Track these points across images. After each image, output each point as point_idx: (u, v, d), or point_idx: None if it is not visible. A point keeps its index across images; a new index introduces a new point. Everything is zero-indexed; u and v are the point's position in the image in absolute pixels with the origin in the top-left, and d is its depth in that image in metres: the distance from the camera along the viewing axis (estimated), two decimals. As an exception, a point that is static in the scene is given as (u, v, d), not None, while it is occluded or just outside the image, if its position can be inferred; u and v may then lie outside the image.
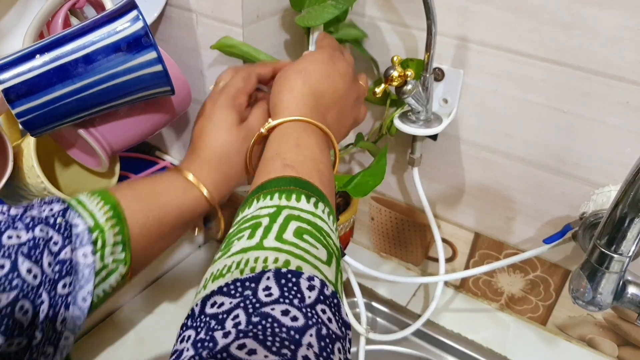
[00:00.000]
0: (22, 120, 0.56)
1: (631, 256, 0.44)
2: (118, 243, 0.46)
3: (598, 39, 0.55)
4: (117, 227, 0.46)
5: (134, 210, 0.48)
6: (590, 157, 0.61)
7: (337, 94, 0.55)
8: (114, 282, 0.47)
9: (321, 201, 0.43)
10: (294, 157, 0.46)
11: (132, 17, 0.54)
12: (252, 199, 0.43)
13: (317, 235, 0.39)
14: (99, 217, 0.46)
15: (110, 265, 0.46)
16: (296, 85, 0.53)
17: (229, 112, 0.55)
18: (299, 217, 0.40)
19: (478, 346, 0.73)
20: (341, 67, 0.56)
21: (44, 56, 0.54)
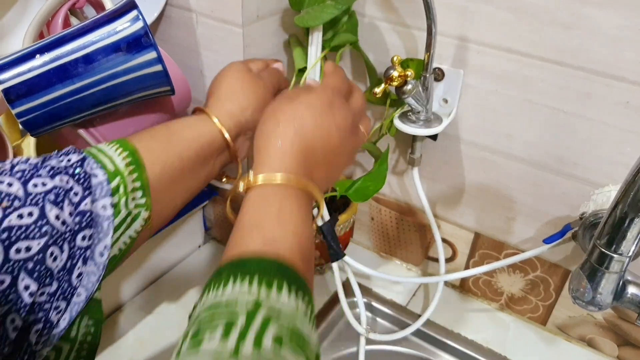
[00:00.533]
0: (22, 120, 0.56)
1: (631, 256, 0.44)
2: (137, 189, 0.48)
3: (598, 39, 0.55)
4: (135, 173, 0.48)
5: (152, 150, 0.50)
6: (590, 157, 0.61)
7: (329, 150, 0.50)
8: (138, 227, 0.48)
9: (301, 290, 0.40)
10: (276, 232, 0.43)
11: (132, 17, 0.55)
12: (228, 275, 0.39)
13: (297, 343, 0.36)
14: (118, 163, 0.47)
15: (133, 210, 0.47)
16: (286, 134, 0.48)
17: (240, 64, 0.62)
18: (278, 318, 0.36)
19: (478, 346, 0.73)
20: (340, 118, 0.51)
21: (44, 56, 0.54)
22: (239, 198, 0.49)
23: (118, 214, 0.46)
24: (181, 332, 0.66)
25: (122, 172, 0.47)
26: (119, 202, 0.46)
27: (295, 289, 0.39)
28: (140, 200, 0.48)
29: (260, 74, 0.62)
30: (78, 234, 0.42)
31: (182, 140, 0.53)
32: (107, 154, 0.48)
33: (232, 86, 0.59)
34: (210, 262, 0.84)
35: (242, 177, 0.48)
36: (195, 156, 0.54)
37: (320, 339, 0.75)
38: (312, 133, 0.48)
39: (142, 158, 0.49)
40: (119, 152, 0.48)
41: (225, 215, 0.79)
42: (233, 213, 0.49)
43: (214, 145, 0.56)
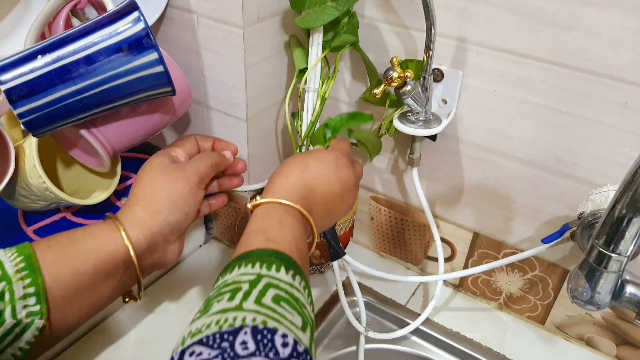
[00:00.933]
0: (24, 120, 0.56)
1: (629, 256, 0.44)
2: (31, 295, 0.44)
3: (597, 40, 0.55)
4: (28, 278, 0.44)
5: (48, 260, 0.46)
6: (589, 157, 0.61)
7: (329, 196, 0.55)
8: (30, 338, 0.44)
9: (298, 275, 0.44)
10: (277, 233, 0.47)
11: (134, 18, 0.55)
12: (233, 266, 0.43)
13: (294, 304, 0.40)
14: (8, 268, 0.44)
15: (25, 319, 0.43)
16: (292, 173, 0.54)
17: (160, 156, 0.57)
18: (277, 285, 0.41)
19: (477, 345, 0.73)
20: (343, 173, 0.56)
21: (46, 57, 0.55)
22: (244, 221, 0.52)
23: (2, 323, 0.42)
24: (182, 332, 0.67)
25: (10, 278, 0.43)
26: (2, 311, 0.42)
27: (293, 273, 0.43)
28: (33, 307, 0.44)
29: (187, 163, 0.58)
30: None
31: (80, 252, 0.48)
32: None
33: (145, 188, 0.54)
34: (211, 262, 0.84)
35: (250, 199, 0.53)
36: (93, 271, 0.48)
37: (320, 338, 0.75)
38: (315, 178, 0.54)
39: (37, 262, 0.45)
40: (13, 257, 0.45)
41: (232, 224, 0.80)
42: (238, 234, 0.52)
43: (117, 259, 0.50)
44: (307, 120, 0.70)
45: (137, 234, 0.51)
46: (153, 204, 0.53)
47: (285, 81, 0.76)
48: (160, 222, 0.53)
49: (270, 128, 0.77)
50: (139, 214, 0.52)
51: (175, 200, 0.54)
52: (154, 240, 0.53)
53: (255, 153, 0.76)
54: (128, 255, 0.50)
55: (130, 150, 0.70)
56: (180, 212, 0.54)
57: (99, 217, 0.77)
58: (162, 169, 0.55)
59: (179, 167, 0.56)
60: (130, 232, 0.51)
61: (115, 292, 0.53)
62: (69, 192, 0.69)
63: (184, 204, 0.54)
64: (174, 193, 0.54)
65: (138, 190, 0.54)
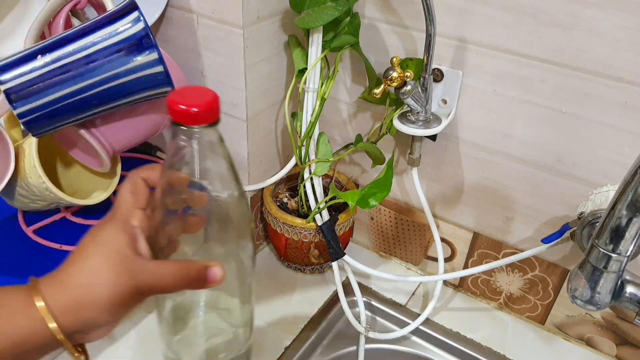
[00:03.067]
0: (23, 120, 0.56)
1: (629, 255, 0.44)
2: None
3: (597, 40, 0.55)
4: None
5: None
6: (589, 157, 0.61)
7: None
8: None
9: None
10: None
11: (133, 18, 0.55)
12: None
13: None
14: None
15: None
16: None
17: (120, 237, 0.43)
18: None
19: (477, 345, 0.73)
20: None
21: (46, 57, 0.55)
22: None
23: None
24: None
25: None
26: None
27: None
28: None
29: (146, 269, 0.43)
30: None
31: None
32: None
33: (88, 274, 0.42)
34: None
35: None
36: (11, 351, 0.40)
37: (320, 338, 0.75)
38: None
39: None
40: None
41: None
42: None
43: (36, 342, 0.40)
44: (307, 121, 0.70)
45: (62, 319, 0.41)
46: (87, 295, 0.41)
47: (285, 81, 0.76)
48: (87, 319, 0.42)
49: (270, 128, 0.77)
50: (64, 299, 0.41)
51: (113, 307, 0.42)
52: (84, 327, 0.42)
53: (255, 153, 0.76)
54: (47, 338, 0.41)
55: (130, 150, 0.70)
56: (112, 317, 0.43)
57: (99, 217, 0.76)
58: (115, 261, 0.42)
59: (132, 270, 0.42)
60: (57, 315, 0.41)
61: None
62: (69, 192, 0.69)
63: (121, 312, 0.43)
64: (114, 299, 0.42)
65: (77, 272, 0.42)
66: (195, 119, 0.39)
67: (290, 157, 0.75)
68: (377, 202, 0.65)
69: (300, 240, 0.76)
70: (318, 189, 0.73)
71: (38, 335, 0.40)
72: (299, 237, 0.75)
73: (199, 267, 0.44)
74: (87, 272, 0.41)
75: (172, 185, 0.44)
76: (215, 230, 0.47)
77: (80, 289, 0.41)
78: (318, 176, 0.72)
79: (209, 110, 0.40)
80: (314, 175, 0.72)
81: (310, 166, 0.72)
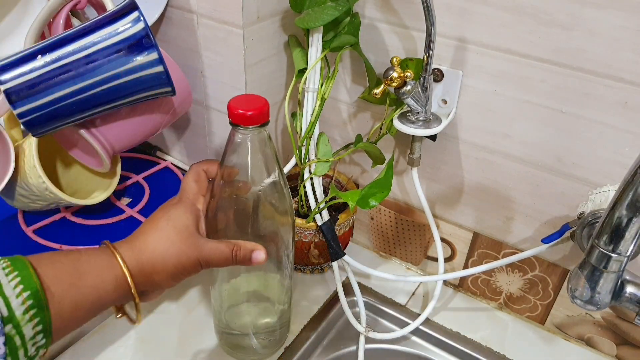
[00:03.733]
0: (23, 120, 0.56)
1: (629, 256, 0.44)
2: (39, 332, 0.42)
3: (597, 40, 0.55)
4: (37, 317, 0.42)
5: (55, 292, 0.44)
6: (589, 157, 0.61)
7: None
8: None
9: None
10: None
11: (133, 18, 0.55)
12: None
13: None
14: (15, 307, 0.41)
15: (32, 352, 0.43)
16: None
17: (189, 216, 0.52)
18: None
19: (477, 345, 0.73)
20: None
21: (46, 57, 0.55)
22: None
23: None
24: (182, 331, 0.67)
25: (18, 321, 0.41)
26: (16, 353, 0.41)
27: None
28: (41, 342, 0.43)
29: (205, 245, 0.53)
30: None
31: (84, 287, 0.46)
32: (4, 292, 0.41)
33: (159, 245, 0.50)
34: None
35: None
36: (91, 306, 0.47)
37: (320, 338, 0.75)
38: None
39: (45, 300, 0.43)
40: (19, 292, 0.41)
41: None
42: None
43: (114, 296, 0.48)
44: (307, 121, 0.70)
45: (138, 278, 0.49)
46: (158, 267, 0.50)
47: (285, 81, 0.76)
48: (155, 283, 0.51)
49: (270, 128, 0.77)
50: (143, 268, 0.50)
51: (177, 273, 0.51)
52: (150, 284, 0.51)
53: (255, 153, 0.76)
54: (125, 291, 0.49)
55: (130, 150, 0.70)
56: (173, 282, 0.52)
57: (99, 217, 0.77)
58: (184, 235, 0.51)
59: (197, 245, 0.51)
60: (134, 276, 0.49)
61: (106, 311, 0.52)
62: (68, 192, 0.69)
63: (180, 278, 0.52)
64: (179, 266, 0.51)
65: (153, 241, 0.50)
66: (250, 120, 0.50)
67: (290, 157, 0.75)
68: (377, 202, 0.65)
69: (300, 240, 0.76)
70: (318, 189, 0.73)
71: (119, 290, 0.48)
72: (299, 237, 0.75)
73: (246, 251, 0.52)
74: (161, 241, 0.50)
75: (227, 176, 0.54)
76: (262, 213, 0.57)
77: (154, 254, 0.49)
78: (318, 176, 0.72)
79: (261, 113, 0.51)
80: (314, 175, 0.72)
81: (310, 166, 0.72)
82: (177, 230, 0.51)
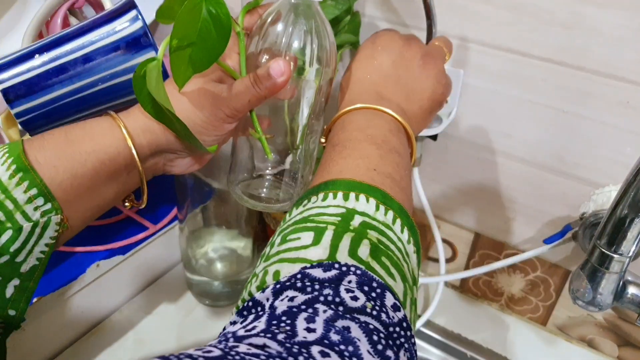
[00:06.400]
0: (21, 120, 0.56)
1: (631, 256, 0.44)
2: (36, 196, 0.42)
3: (598, 39, 0.55)
4: (25, 181, 0.42)
5: (41, 160, 0.43)
6: (591, 157, 0.61)
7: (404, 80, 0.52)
8: (52, 234, 0.44)
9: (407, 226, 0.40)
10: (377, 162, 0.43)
11: (131, 16, 0.55)
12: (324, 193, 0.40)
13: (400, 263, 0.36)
14: (1, 174, 0.42)
15: (41, 219, 0.43)
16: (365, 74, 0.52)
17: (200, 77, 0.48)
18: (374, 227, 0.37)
19: (478, 347, 0.73)
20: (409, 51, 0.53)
21: (43, 56, 0.54)
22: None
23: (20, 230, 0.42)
24: (181, 332, 0.66)
25: (5, 186, 0.42)
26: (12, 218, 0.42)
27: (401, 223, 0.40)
28: (45, 206, 0.43)
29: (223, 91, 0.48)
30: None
31: (79, 154, 0.44)
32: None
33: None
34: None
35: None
36: (92, 173, 0.45)
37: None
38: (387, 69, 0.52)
39: (28, 161, 0.42)
40: (4, 160, 0.42)
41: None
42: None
43: (118, 162, 0.46)
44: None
45: (140, 139, 0.47)
46: (155, 125, 0.47)
47: (285, 81, 0.75)
48: (169, 137, 0.47)
49: (270, 128, 0.77)
50: (146, 122, 0.47)
51: (192, 126, 0.46)
52: (160, 149, 0.48)
53: (254, 153, 0.75)
54: (130, 157, 0.46)
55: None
56: (183, 144, 0.48)
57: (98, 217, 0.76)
58: (197, 85, 0.47)
59: (212, 94, 0.47)
60: (135, 137, 0.46)
61: (119, 194, 0.49)
62: (67, 192, 0.69)
63: (201, 132, 0.48)
64: (194, 118, 0.47)
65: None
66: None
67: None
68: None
69: (300, 241, 0.76)
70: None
71: (122, 154, 0.46)
72: (299, 237, 0.75)
73: (263, 68, 0.47)
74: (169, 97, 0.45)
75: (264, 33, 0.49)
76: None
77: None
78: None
79: None
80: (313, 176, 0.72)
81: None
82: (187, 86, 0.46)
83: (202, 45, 0.43)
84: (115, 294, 0.74)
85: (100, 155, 0.45)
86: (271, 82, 0.46)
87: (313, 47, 0.49)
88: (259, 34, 0.49)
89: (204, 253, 0.75)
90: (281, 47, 0.49)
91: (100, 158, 0.45)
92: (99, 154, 0.45)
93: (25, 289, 0.45)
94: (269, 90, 0.47)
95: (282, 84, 0.46)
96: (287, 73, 0.46)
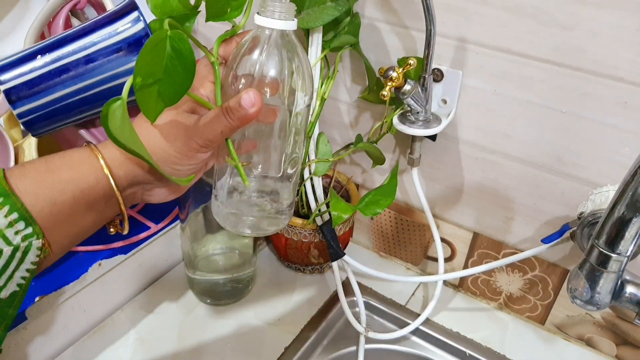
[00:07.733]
0: (23, 120, 0.56)
1: (629, 256, 0.44)
2: (17, 220, 0.42)
3: (596, 40, 0.55)
4: (6, 205, 0.42)
5: (22, 188, 0.43)
6: (589, 157, 0.61)
7: None
8: (34, 258, 0.44)
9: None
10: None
11: (133, 18, 0.55)
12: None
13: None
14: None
15: (22, 244, 0.42)
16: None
17: (182, 103, 0.48)
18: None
19: (477, 345, 0.73)
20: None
21: (45, 57, 0.55)
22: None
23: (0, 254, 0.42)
24: (182, 331, 0.66)
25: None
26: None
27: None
28: (25, 230, 0.42)
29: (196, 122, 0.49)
30: None
31: (57, 182, 0.45)
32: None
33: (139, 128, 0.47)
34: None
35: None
36: (72, 202, 0.45)
37: (320, 338, 0.75)
38: None
39: (8, 186, 0.42)
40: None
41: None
42: None
43: (96, 191, 0.46)
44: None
45: (117, 170, 0.47)
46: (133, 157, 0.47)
47: (285, 81, 0.76)
48: (145, 169, 0.48)
49: (270, 128, 0.77)
50: (123, 154, 0.47)
51: (166, 157, 0.47)
52: (137, 181, 0.48)
53: (255, 153, 0.76)
54: (109, 187, 0.47)
55: (129, 150, 0.70)
56: (169, 169, 0.48)
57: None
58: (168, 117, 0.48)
59: (184, 126, 0.47)
60: (112, 167, 0.47)
61: (98, 222, 0.49)
62: (68, 192, 0.69)
63: (176, 162, 0.48)
64: (167, 149, 0.47)
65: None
66: None
67: (290, 157, 0.75)
68: (381, 210, 0.66)
69: (300, 241, 0.76)
70: (318, 190, 0.73)
71: (100, 183, 0.46)
72: (299, 237, 0.75)
73: (235, 99, 0.46)
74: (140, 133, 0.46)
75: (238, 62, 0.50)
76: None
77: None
78: (318, 176, 0.72)
79: None
80: (313, 176, 0.72)
81: (310, 166, 0.72)
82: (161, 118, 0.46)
83: (170, 81, 0.43)
84: (117, 293, 0.74)
85: (79, 184, 0.45)
86: (242, 113, 0.46)
87: (289, 74, 0.50)
88: (235, 63, 0.50)
89: (205, 252, 0.75)
90: (256, 75, 0.49)
91: (80, 187, 0.45)
92: (77, 182, 0.45)
93: (4, 316, 0.43)
94: (240, 121, 0.47)
95: (254, 114, 0.46)
96: (258, 104, 0.46)
